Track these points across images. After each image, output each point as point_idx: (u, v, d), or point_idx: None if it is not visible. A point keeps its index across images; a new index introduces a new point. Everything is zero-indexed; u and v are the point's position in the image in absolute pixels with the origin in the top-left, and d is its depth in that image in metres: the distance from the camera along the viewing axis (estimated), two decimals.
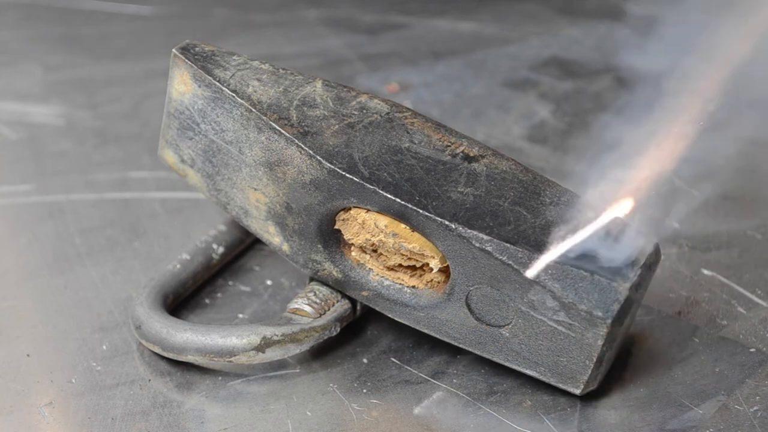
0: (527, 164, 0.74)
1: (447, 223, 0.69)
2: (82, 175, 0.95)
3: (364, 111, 0.75)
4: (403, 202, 0.70)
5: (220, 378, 0.73)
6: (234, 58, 0.76)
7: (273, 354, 0.72)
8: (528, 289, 0.68)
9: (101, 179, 0.95)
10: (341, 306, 0.75)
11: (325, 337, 0.74)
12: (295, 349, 0.72)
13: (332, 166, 0.71)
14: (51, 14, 1.27)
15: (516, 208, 0.70)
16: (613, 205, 0.70)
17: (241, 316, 0.78)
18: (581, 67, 1.16)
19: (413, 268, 0.73)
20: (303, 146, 0.71)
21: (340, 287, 0.75)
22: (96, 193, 0.93)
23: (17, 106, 1.06)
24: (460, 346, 0.72)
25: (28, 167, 0.97)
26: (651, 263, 0.70)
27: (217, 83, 0.74)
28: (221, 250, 0.82)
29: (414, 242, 0.71)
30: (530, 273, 0.67)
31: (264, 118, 0.73)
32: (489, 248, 0.68)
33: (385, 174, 0.71)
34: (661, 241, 0.72)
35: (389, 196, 0.70)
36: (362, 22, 1.27)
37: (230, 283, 0.82)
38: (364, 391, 0.72)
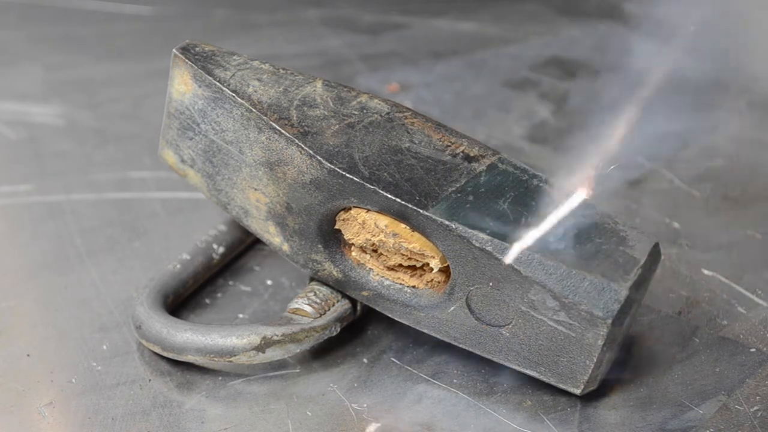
0: (528, 164, 0.74)
1: (447, 223, 0.69)
2: (82, 175, 0.95)
3: (365, 111, 0.75)
4: (403, 202, 0.70)
5: (220, 378, 0.73)
6: (234, 58, 0.76)
7: (273, 354, 0.72)
8: (528, 289, 0.68)
9: (101, 179, 0.94)
10: (341, 306, 0.75)
11: (325, 337, 0.73)
12: (295, 349, 0.72)
13: (332, 166, 0.71)
14: (51, 14, 1.27)
15: (516, 208, 0.70)
16: (578, 188, 0.70)
17: (241, 316, 0.78)
18: (581, 67, 1.16)
19: (413, 268, 0.73)
20: (303, 146, 0.71)
21: (340, 287, 0.75)
22: (96, 193, 0.93)
23: (17, 106, 1.06)
24: (460, 346, 0.72)
25: (28, 167, 0.97)
26: (651, 263, 0.70)
27: (218, 83, 0.74)
28: (221, 250, 0.82)
29: (414, 242, 0.71)
30: (507, 259, 0.67)
31: (264, 118, 0.73)
32: (489, 248, 0.68)
33: (386, 174, 0.71)
34: (661, 241, 0.72)
35: (389, 196, 0.70)
36: (362, 22, 1.27)
37: (230, 283, 0.82)
38: (364, 391, 0.72)
